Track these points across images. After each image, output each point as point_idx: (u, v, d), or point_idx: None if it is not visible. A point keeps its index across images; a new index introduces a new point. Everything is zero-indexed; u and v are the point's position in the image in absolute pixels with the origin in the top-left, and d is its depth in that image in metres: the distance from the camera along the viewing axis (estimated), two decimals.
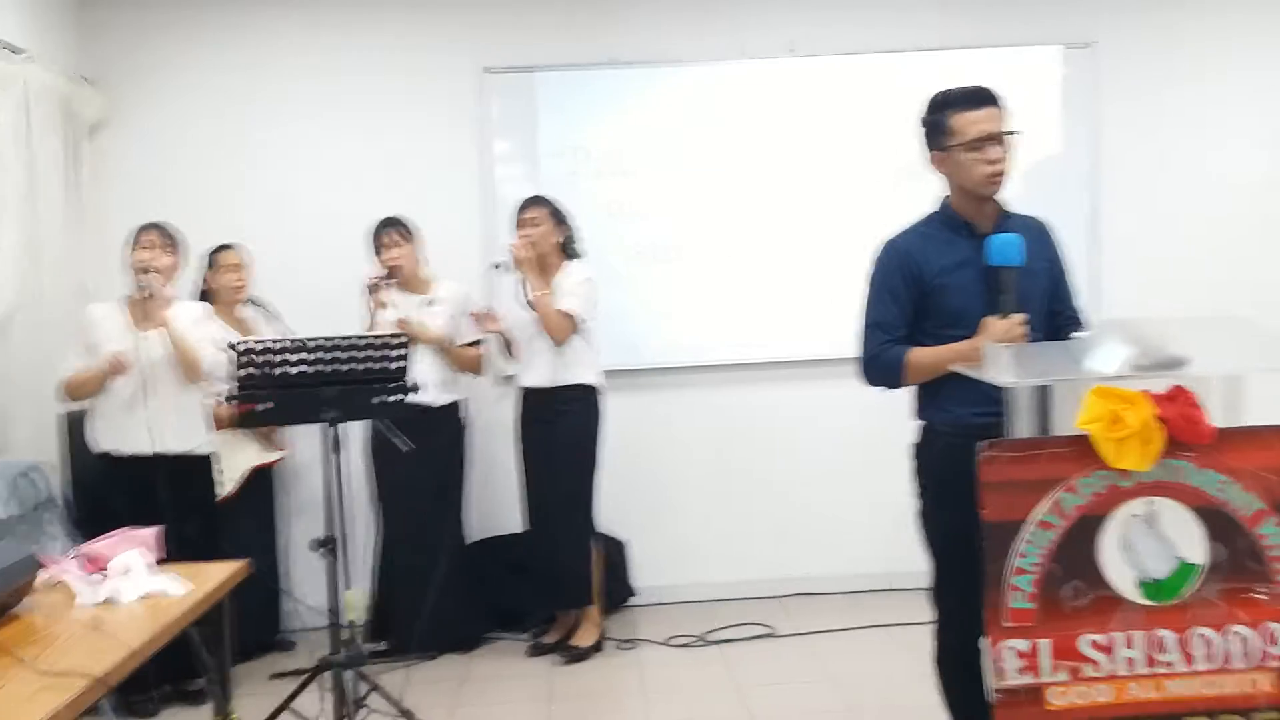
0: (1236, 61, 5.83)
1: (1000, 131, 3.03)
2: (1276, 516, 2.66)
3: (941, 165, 3.13)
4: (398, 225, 5.06)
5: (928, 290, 3.10)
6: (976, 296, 3.03)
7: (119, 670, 2.38)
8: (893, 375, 3.14)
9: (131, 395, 4.45)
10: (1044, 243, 3.20)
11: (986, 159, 3.01)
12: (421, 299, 5.10)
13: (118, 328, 4.49)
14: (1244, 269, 5.69)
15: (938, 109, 3.13)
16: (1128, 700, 2.63)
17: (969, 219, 3.12)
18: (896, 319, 3.13)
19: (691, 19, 5.73)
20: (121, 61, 5.58)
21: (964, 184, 3.09)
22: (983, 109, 3.04)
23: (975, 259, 3.04)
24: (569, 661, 4.96)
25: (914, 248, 3.15)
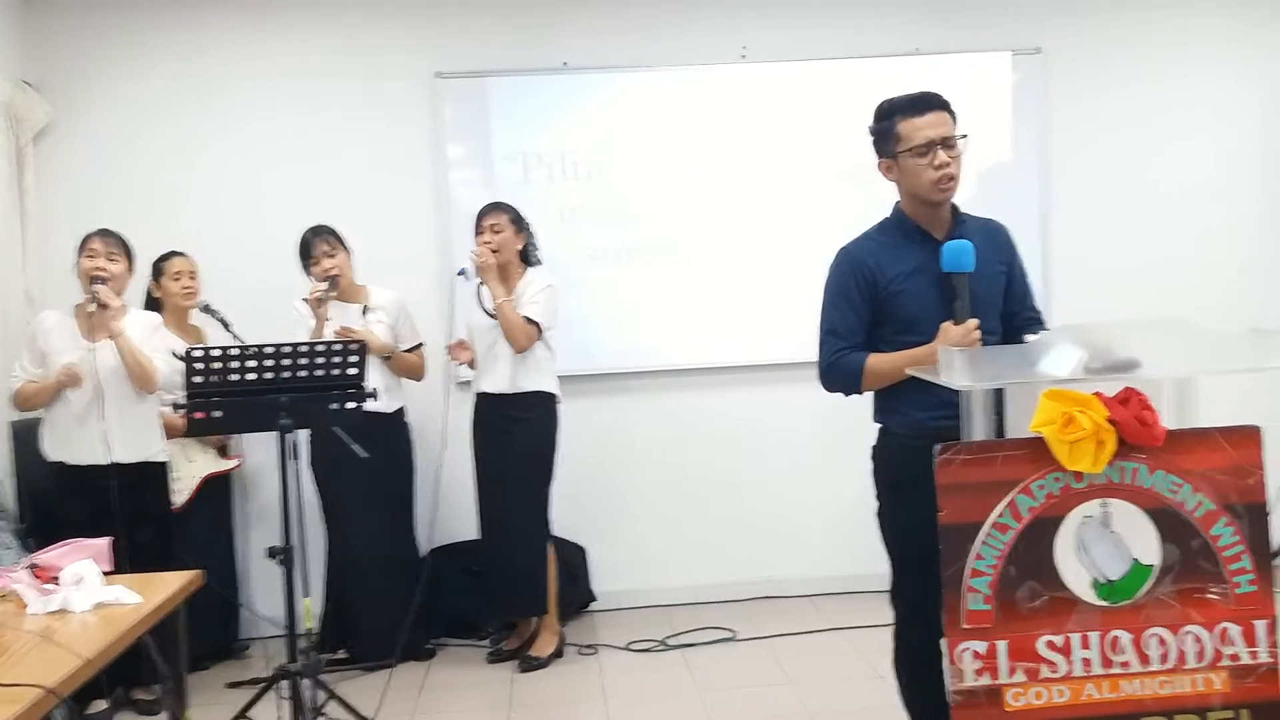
0: (1182, 66, 5.92)
1: (947, 136, 3.05)
2: (1228, 517, 2.70)
3: (890, 172, 3.16)
4: (330, 234, 4.99)
5: (883, 297, 3.11)
6: (932, 302, 3.04)
7: (71, 681, 2.35)
8: (850, 381, 3.15)
9: (84, 406, 4.40)
10: (999, 245, 3.22)
11: (934, 164, 3.03)
12: (358, 308, 5.04)
13: (69, 337, 4.43)
14: (1191, 272, 5.77)
15: (884, 116, 3.16)
16: (1085, 701, 2.65)
17: (922, 225, 3.14)
18: (853, 326, 3.15)
19: (643, 24, 5.74)
20: (66, 66, 5.52)
21: (913, 190, 3.11)
22: (929, 114, 3.06)
23: (930, 265, 3.06)
24: (526, 670, 4.94)
25: (868, 254, 3.16)
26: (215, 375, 3.79)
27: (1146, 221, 5.88)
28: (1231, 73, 5.93)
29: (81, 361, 4.35)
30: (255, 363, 3.82)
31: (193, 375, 3.77)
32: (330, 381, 3.91)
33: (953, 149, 3.05)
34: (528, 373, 4.93)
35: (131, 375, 4.41)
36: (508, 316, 4.82)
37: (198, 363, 3.77)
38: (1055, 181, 5.83)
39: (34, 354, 4.48)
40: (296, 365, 3.85)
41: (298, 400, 3.85)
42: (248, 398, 3.83)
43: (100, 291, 4.34)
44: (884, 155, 3.16)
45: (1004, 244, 3.24)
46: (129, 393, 4.47)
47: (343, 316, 4.96)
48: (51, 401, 4.46)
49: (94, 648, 2.50)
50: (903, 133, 3.07)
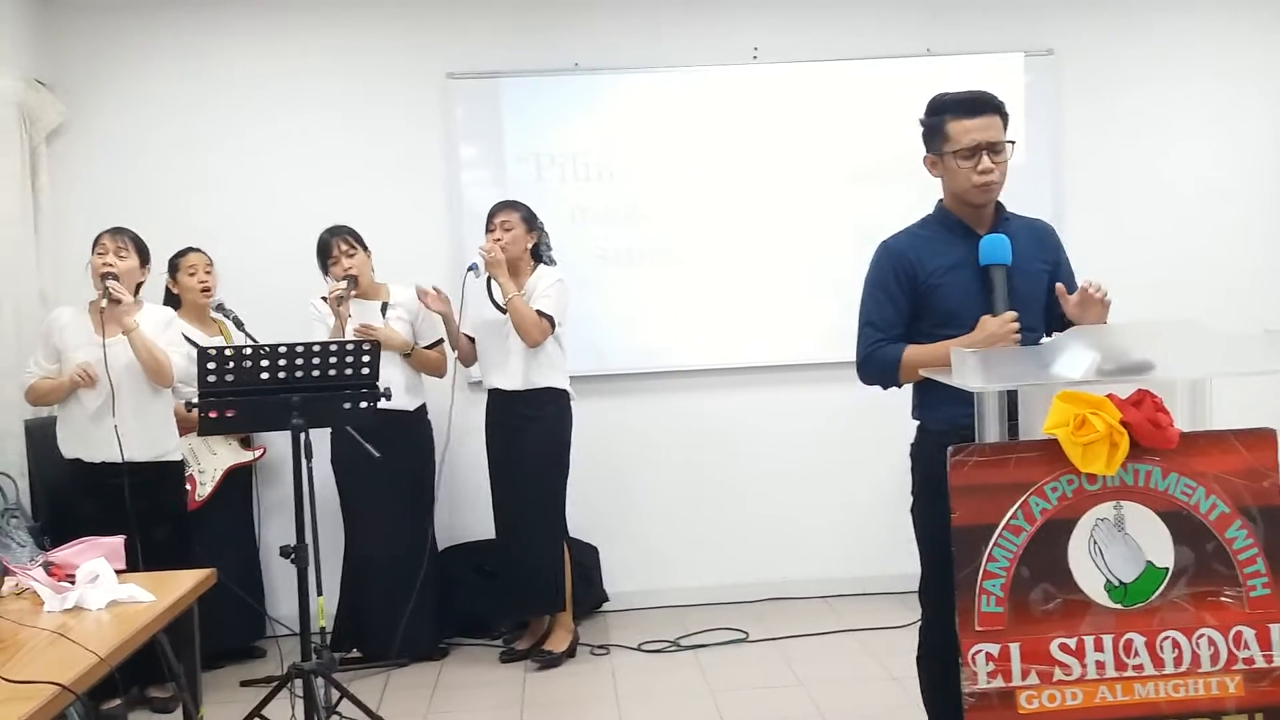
0: (1193, 67, 5.90)
1: (994, 141, 3.05)
2: (1242, 520, 2.69)
3: (935, 168, 3.16)
4: (347, 234, 5.01)
5: (922, 290, 3.12)
6: (971, 297, 3.05)
7: (87, 678, 2.36)
8: (887, 374, 3.15)
9: (99, 404, 4.42)
10: (1045, 243, 3.22)
11: (977, 168, 3.04)
12: (377, 305, 5.07)
13: (83, 334, 4.45)
14: (1205, 271, 5.75)
15: (935, 112, 3.14)
16: (1098, 704, 2.65)
17: (965, 220, 3.15)
18: (891, 318, 3.15)
19: (655, 25, 5.74)
20: (80, 66, 5.54)
21: (955, 190, 3.12)
22: (979, 117, 3.05)
23: (970, 260, 3.07)
24: (542, 667, 4.95)
25: (909, 248, 3.17)
26: (228, 374, 3.79)
27: (1160, 221, 5.87)
28: (1242, 72, 5.91)
29: (95, 359, 4.36)
30: (268, 362, 3.82)
31: (206, 374, 3.77)
32: (343, 381, 3.92)
33: (999, 154, 3.06)
34: (540, 369, 4.93)
35: (146, 369, 4.42)
36: (520, 311, 4.82)
37: (210, 361, 3.78)
38: (1068, 182, 5.82)
39: (48, 350, 4.51)
40: (309, 364, 3.85)
41: (310, 399, 3.85)
42: (260, 397, 3.84)
43: (112, 286, 4.35)
44: (930, 151, 3.16)
45: (1050, 243, 3.25)
46: (143, 389, 4.48)
47: (362, 314, 4.99)
48: (66, 399, 4.48)
49: (109, 645, 2.51)
50: (951, 133, 3.07)
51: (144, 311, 4.56)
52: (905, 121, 5.63)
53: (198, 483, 5.01)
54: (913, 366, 3.08)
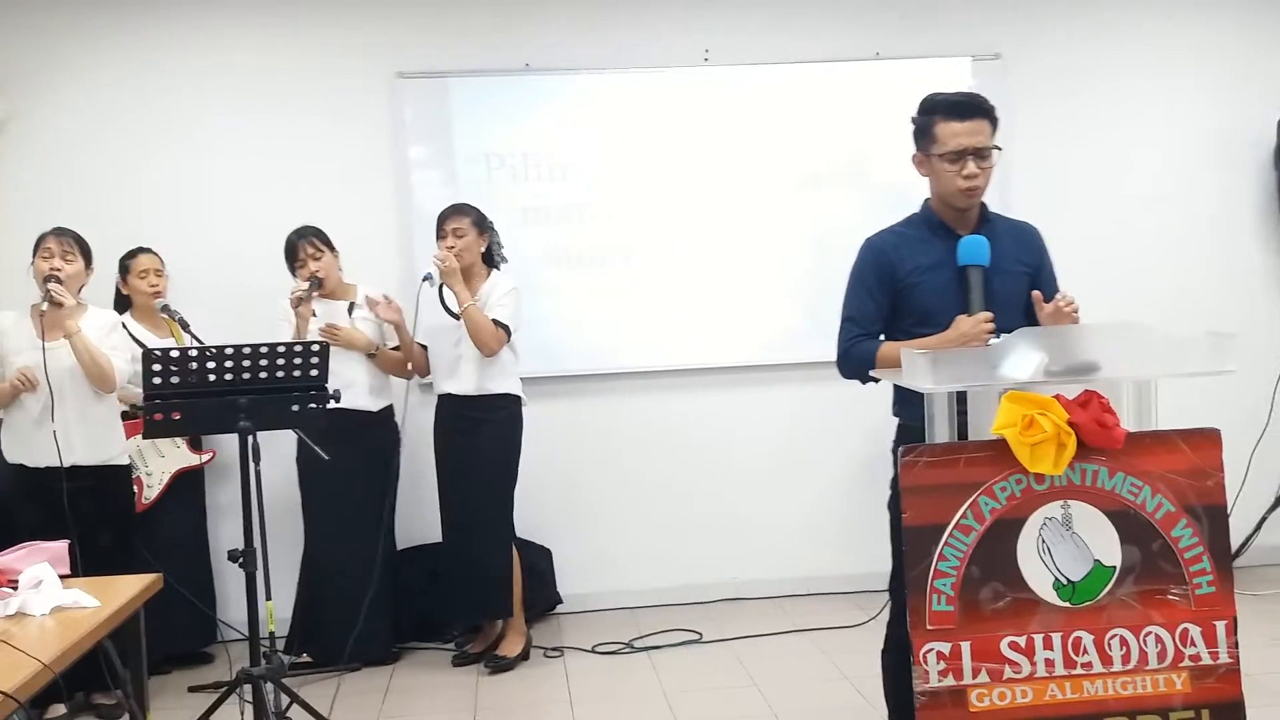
0: (1138, 71, 5.98)
1: (981, 146, 3.08)
2: (1188, 518, 2.72)
3: (921, 167, 3.20)
4: (315, 235, 5.00)
5: (901, 288, 3.17)
6: (948, 297, 3.09)
7: (30, 685, 2.32)
8: (863, 369, 3.19)
9: (41, 408, 4.34)
10: (1027, 246, 3.27)
11: (962, 173, 3.07)
12: (344, 305, 5.05)
13: (25, 338, 4.37)
14: (1149, 274, 5.82)
15: (926, 112, 3.17)
16: (1048, 701, 2.67)
17: (948, 222, 3.19)
18: (871, 314, 3.20)
19: (606, 26, 5.74)
20: (21, 64, 5.45)
21: (939, 192, 3.16)
22: (967, 121, 3.09)
23: (950, 260, 3.11)
24: (494, 671, 4.93)
25: (890, 246, 3.22)
26: (174, 376, 3.74)
27: (1105, 222, 5.93)
28: (1189, 75, 5.99)
29: (36, 363, 4.29)
30: (215, 364, 3.77)
31: (151, 376, 3.72)
32: (292, 383, 3.88)
33: (985, 159, 3.10)
34: (493, 375, 4.91)
35: (88, 374, 4.35)
36: (476, 320, 4.80)
37: (156, 363, 3.73)
38: (1015, 185, 5.84)
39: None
40: (257, 366, 3.81)
41: (258, 402, 3.81)
42: (207, 399, 3.79)
43: (54, 290, 4.29)
44: (919, 149, 3.19)
45: (1033, 245, 3.30)
46: (87, 393, 4.41)
47: (329, 314, 4.98)
48: (7, 405, 4.40)
49: (52, 652, 2.48)
50: (939, 134, 3.10)
51: (88, 315, 4.49)
52: (855, 124, 5.78)
53: (145, 485, 4.95)
54: (886, 363, 3.12)
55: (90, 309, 4.55)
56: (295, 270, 4.99)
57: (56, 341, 4.32)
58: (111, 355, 4.40)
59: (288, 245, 5.01)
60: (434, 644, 5.30)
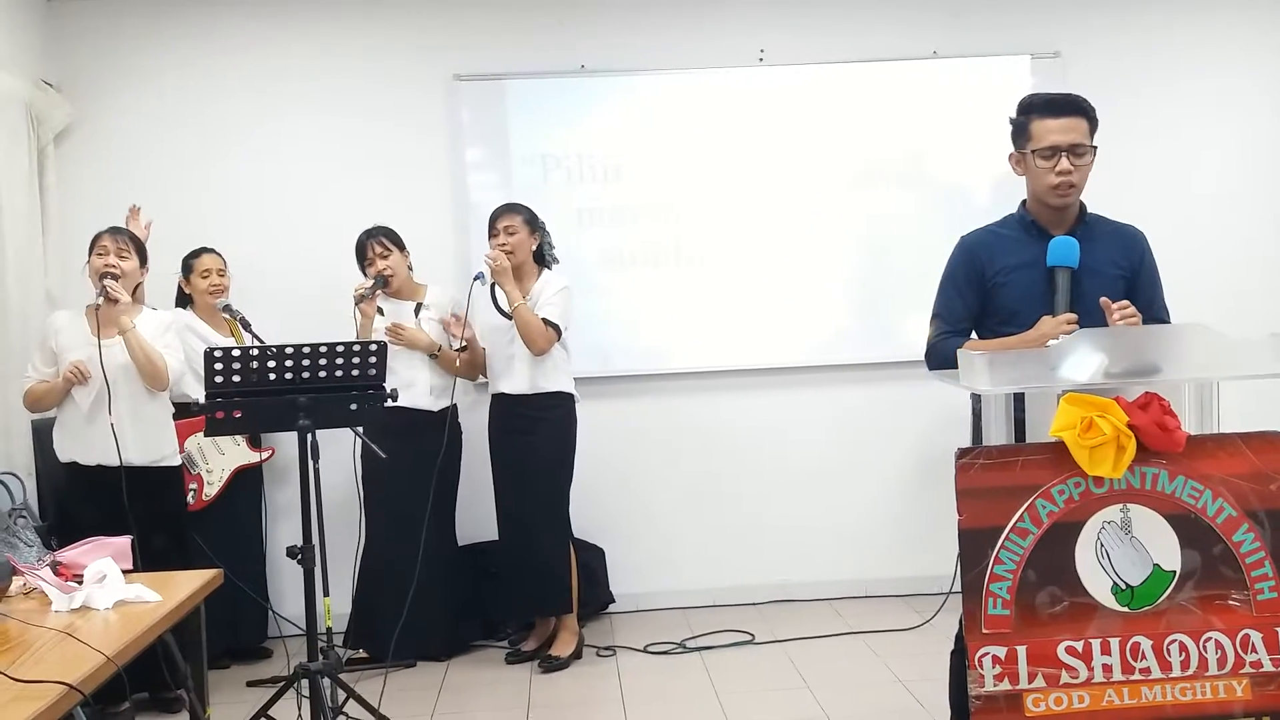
0: (1200, 69, 5.90)
1: (1076, 144, 3.08)
2: (1249, 523, 2.69)
3: (1019, 166, 3.21)
4: (384, 234, 5.05)
5: (989, 287, 3.18)
6: (1035, 297, 3.08)
7: (94, 678, 2.36)
8: (948, 364, 3.18)
9: (91, 404, 4.37)
10: (1127, 249, 3.24)
11: (1055, 169, 3.07)
12: (411, 305, 5.09)
13: (79, 335, 4.42)
14: (1212, 275, 5.73)
15: (1023, 111, 3.19)
16: (1105, 707, 2.64)
17: (1043, 222, 3.18)
18: (958, 312, 3.22)
19: (661, 27, 5.74)
20: (87, 67, 5.55)
21: (1034, 189, 3.16)
22: (1062, 118, 3.10)
23: (1039, 261, 3.10)
24: (547, 671, 4.95)
25: (982, 245, 3.23)
26: (235, 375, 3.79)
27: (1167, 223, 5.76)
28: (1249, 73, 5.91)
29: (89, 358, 4.35)
30: (275, 363, 3.82)
31: (213, 375, 3.77)
32: (350, 381, 3.92)
33: (1081, 157, 3.10)
34: (545, 374, 4.94)
35: (140, 370, 4.39)
36: (526, 319, 4.83)
37: (218, 362, 3.78)
38: None
39: (45, 354, 4.47)
40: (316, 365, 3.85)
41: (317, 400, 3.84)
42: (267, 398, 3.83)
43: (110, 286, 4.34)
44: (1016, 148, 3.20)
45: (1133, 249, 3.27)
46: (139, 391, 4.44)
47: (396, 313, 5.03)
48: (60, 401, 4.46)
49: (116, 645, 2.51)
50: (1034, 132, 3.12)
51: (143, 314, 4.55)
52: (911, 124, 5.74)
53: (205, 482, 5.02)
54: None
55: (145, 309, 4.61)
56: (365, 269, 5.05)
57: (111, 339, 4.36)
58: (165, 353, 4.45)
59: (357, 244, 5.07)
60: (488, 642, 5.33)
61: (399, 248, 5.07)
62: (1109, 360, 2.72)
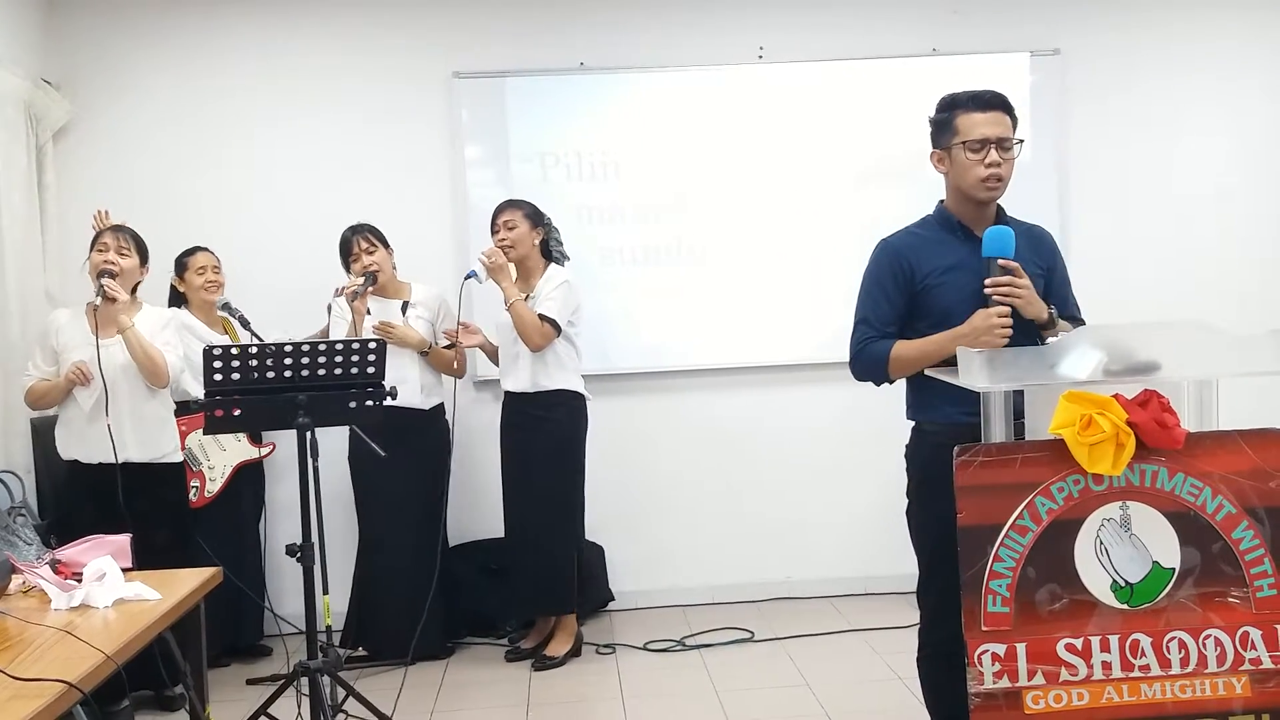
0: (1200, 66, 5.89)
1: (1003, 137, 3.07)
2: (1249, 520, 2.69)
3: (941, 164, 3.18)
4: (369, 231, 5.04)
5: (919, 290, 3.14)
6: (968, 297, 3.05)
7: (93, 676, 2.36)
8: (877, 369, 3.16)
9: (93, 404, 4.38)
10: (1040, 248, 3.23)
11: (984, 162, 3.06)
12: (398, 303, 5.09)
13: (80, 334, 4.41)
14: (1211, 272, 5.75)
15: (945, 108, 3.17)
16: (1104, 704, 2.65)
17: (965, 221, 3.16)
18: (885, 315, 3.16)
19: (660, 25, 5.74)
20: (87, 66, 5.54)
21: (960, 185, 3.12)
22: (988, 112, 3.09)
23: (968, 261, 3.07)
24: (540, 669, 4.94)
25: (906, 247, 3.19)
26: (234, 373, 3.79)
27: (1165, 221, 5.86)
28: (1248, 71, 5.90)
29: (90, 358, 4.35)
30: (274, 361, 3.81)
31: (212, 373, 3.77)
32: (349, 380, 3.91)
33: (1007, 151, 3.09)
34: (548, 371, 4.93)
35: (140, 367, 4.40)
36: (521, 316, 4.82)
37: (216, 360, 3.78)
38: (1073, 182, 5.82)
39: (46, 352, 4.48)
40: (315, 363, 3.84)
41: (316, 398, 3.84)
42: (266, 396, 3.83)
43: (108, 285, 4.34)
44: (938, 146, 3.18)
45: (1045, 248, 3.25)
46: (140, 389, 4.45)
47: (383, 312, 5.02)
48: (61, 400, 4.47)
49: (116, 643, 2.52)
50: (960, 126, 3.10)
51: (143, 312, 4.55)
52: (911, 121, 5.64)
53: (207, 479, 5.02)
54: (901, 362, 3.11)
55: (145, 307, 4.61)
56: (349, 266, 5.03)
57: (110, 338, 4.37)
58: (164, 351, 4.45)
59: (342, 241, 5.05)
60: (488, 639, 5.33)
61: (384, 245, 5.06)
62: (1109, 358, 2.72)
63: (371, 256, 4.99)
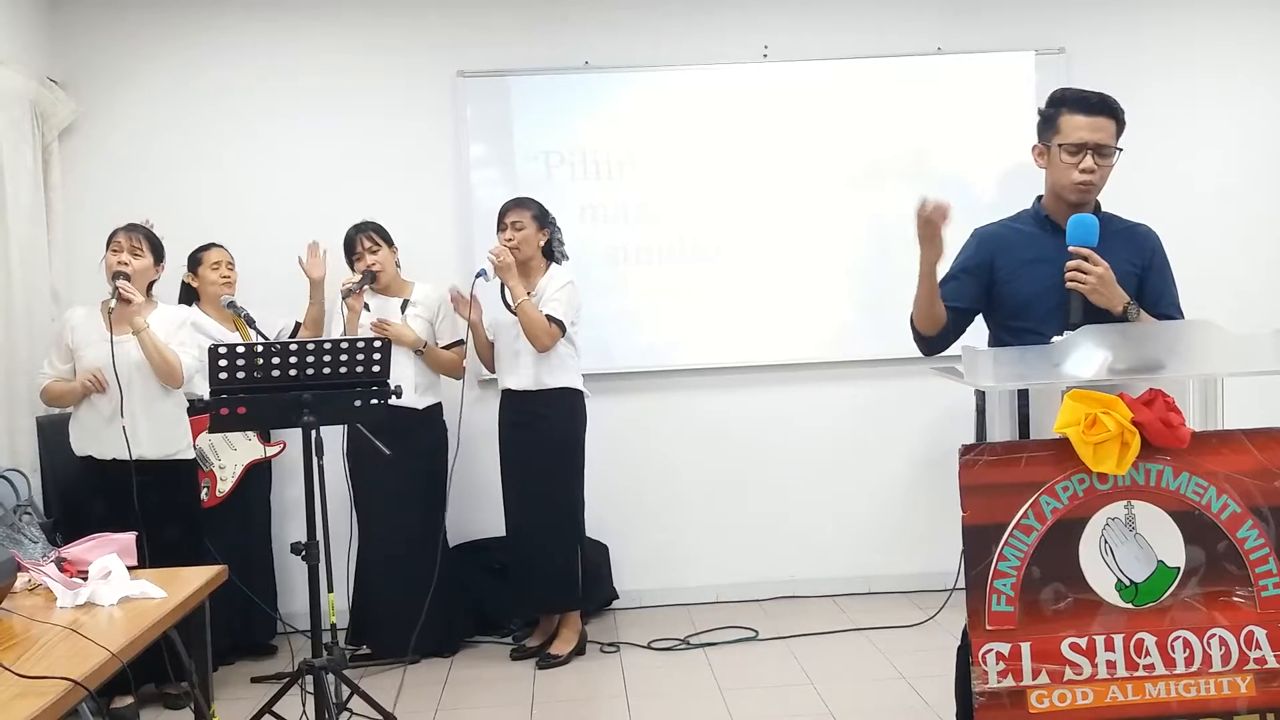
0: (1206, 65, 5.89)
1: (1102, 144, 3.09)
2: (1253, 519, 2.68)
3: (1041, 159, 3.21)
4: (373, 229, 5.05)
5: (998, 279, 3.18)
6: (1045, 290, 3.08)
7: (99, 674, 2.36)
8: (914, 331, 3.24)
9: (111, 406, 4.40)
10: (1139, 246, 3.24)
11: (1079, 166, 3.07)
12: (398, 302, 5.09)
13: (95, 332, 4.44)
14: (1217, 270, 5.72)
15: (1055, 104, 3.19)
16: (1109, 703, 2.64)
17: (1057, 218, 3.18)
18: (951, 293, 3.21)
19: (665, 24, 5.74)
20: (92, 64, 5.55)
21: (1054, 184, 3.17)
22: (1093, 117, 3.10)
23: (1053, 257, 3.08)
24: (544, 668, 4.95)
25: (994, 237, 3.25)
26: (239, 371, 3.80)
27: (1171, 220, 5.73)
28: (1254, 70, 5.90)
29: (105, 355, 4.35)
30: (279, 359, 3.82)
31: (217, 371, 3.78)
32: (354, 378, 3.92)
33: (1106, 157, 3.11)
34: (551, 370, 4.94)
35: (155, 370, 4.42)
36: (530, 316, 4.83)
37: (222, 359, 3.79)
38: None
39: (61, 350, 4.51)
40: (320, 362, 3.85)
41: (321, 397, 3.85)
42: (271, 394, 3.84)
43: (122, 286, 4.36)
44: (1040, 140, 3.21)
45: (1144, 246, 3.27)
46: (154, 387, 4.47)
47: (381, 309, 5.03)
48: (79, 402, 4.49)
49: (121, 641, 2.51)
50: (1063, 126, 3.12)
51: (157, 311, 4.57)
52: (917, 120, 5.74)
53: (218, 479, 5.03)
54: (915, 305, 3.17)
55: (160, 305, 4.63)
56: (353, 264, 5.04)
57: (125, 336, 4.39)
58: (179, 351, 4.47)
59: (346, 239, 5.07)
60: (492, 638, 5.34)
61: (387, 243, 5.07)
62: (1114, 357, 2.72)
63: (374, 255, 5.00)
